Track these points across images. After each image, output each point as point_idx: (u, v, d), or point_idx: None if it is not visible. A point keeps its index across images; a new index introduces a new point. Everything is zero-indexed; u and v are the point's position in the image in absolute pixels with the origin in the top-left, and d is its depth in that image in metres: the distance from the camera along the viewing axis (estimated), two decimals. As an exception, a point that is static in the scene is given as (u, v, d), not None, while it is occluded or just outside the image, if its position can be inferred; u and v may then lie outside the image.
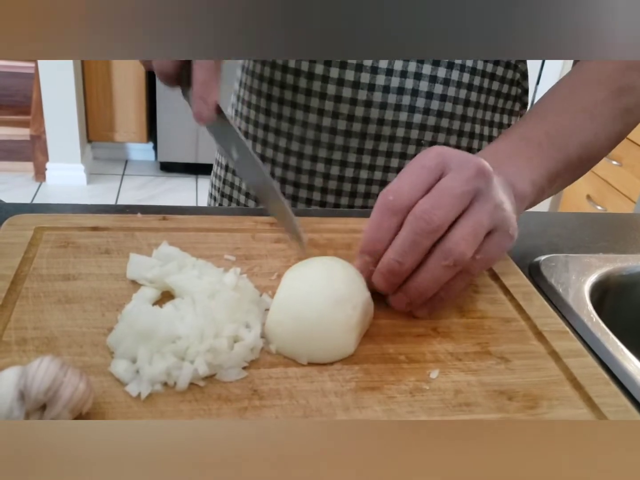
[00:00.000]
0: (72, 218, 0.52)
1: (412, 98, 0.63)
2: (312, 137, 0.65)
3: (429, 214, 0.40)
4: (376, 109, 0.63)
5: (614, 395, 0.40)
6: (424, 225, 0.40)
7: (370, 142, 0.65)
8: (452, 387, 0.39)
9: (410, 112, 0.64)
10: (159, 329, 0.37)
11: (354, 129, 0.64)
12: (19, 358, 0.37)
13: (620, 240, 0.63)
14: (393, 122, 0.64)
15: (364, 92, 0.62)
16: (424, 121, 0.64)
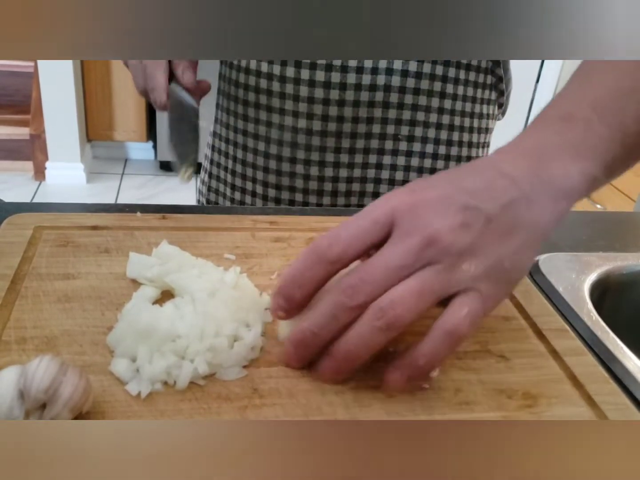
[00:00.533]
0: (71, 217, 0.52)
1: (385, 94, 0.63)
2: (289, 139, 0.66)
3: (354, 289, 0.35)
4: (349, 107, 0.63)
5: (614, 393, 0.40)
6: (346, 300, 0.35)
7: (346, 141, 0.65)
8: (452, 386, 0.39)
9: (385, 108, 0.64)
10: (159, 328, 0.37)
11: (330, 129, 0.64)
12: (18, 357, 0.37)
13: (620, 239, 0.63)
14: (368, 119, 0.64)
15: (336, 92, 0.62)
16: (399, 116, 0.64)
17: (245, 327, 0.40)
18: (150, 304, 0.41)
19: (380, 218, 0.36)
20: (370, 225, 0.36)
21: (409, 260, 0.35)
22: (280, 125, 0.66)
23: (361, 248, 0.36)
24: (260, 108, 0.66)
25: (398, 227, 0.36)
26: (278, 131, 0.66)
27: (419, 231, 0.35)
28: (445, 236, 0.35)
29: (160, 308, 0.40)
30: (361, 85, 0.62)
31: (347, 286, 0.35)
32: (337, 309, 0.36)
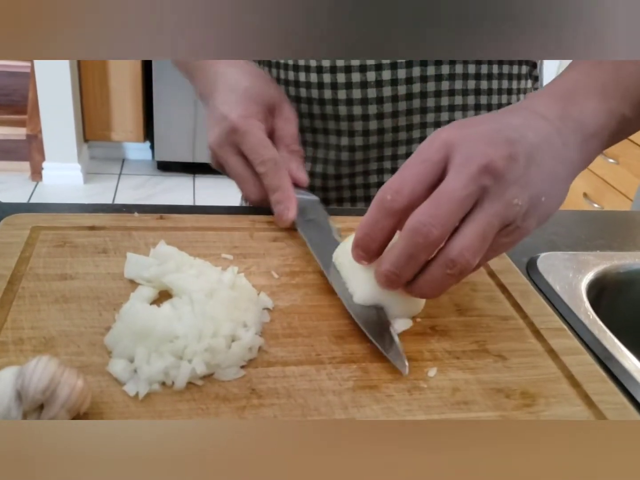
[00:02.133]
0: (69, 217, 0.52)
1: (421, 100, 0.64)
2: (334, 157, 0.68)
3: (427, 226, 0.36)
4: (388, 119, 0.65)
5: (612, 392, 0.40)
6: (421, 239, 0.36)
7: (388, 149, 0.67)
8: (450, 386, 0.39)
9: (423, 114, 0.65)
10: (156, 328, 0.37)
11: (371, 142, 0.66)
12: (16, 358, 0.37)
13: (617, 238, 0.63)
14: (407, 127, 0.66)
15: (374, 107, 0.64)
16: (437, 119, 0.66)
17: (243, 327, 0.40)
18: (148, 305, 0.41)
19: (434, 157, 0.38)
20: (427, 168, 0.38)
21: (471, 189, 0.36)
22: (326, 145, 0.67)
23: (424, 193, 0.38)
24: (305, 131, 0.67)
25: (453, 159, 0.37)
26: (324, 150, 0.68)
27: (474, 160, 0.36)
28: (500, 163, 0.37)
29: (158, 308, 0.40)
30: (397, 96, 0.63)
31: (419, 225, 0.36)
32: (414, 248, 0.37)
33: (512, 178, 0.37)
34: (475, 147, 0.37)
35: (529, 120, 0.40)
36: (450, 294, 0.48)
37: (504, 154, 0.37)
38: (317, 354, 0.40)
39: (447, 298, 0.48)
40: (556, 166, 0.39)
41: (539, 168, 0.38)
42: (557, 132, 0.40)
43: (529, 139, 0.38)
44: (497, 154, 0.37)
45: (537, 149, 0.38)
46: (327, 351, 0.41)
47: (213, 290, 0.41)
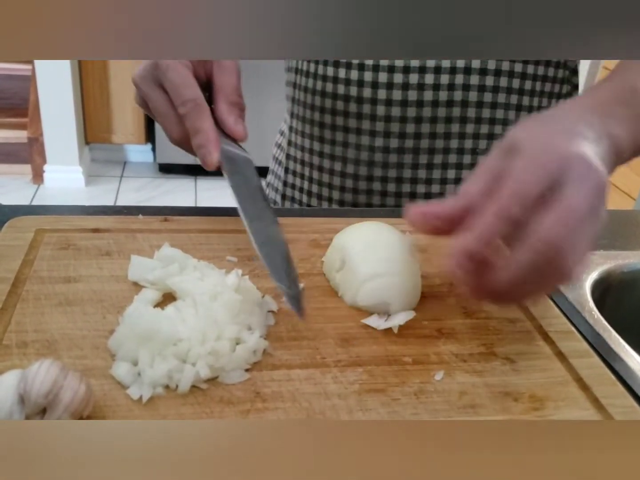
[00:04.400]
0: (72, 220, 0.51)
1: (462, 109, 0.64)
2: (366, 158, 0.67)
3: (558, 242, 0.35)
4: (426, 124, 0.64)
5: (621, 396, 0.39)
6: (553, 255, 0.35)
7: (424, 157, 0.66)
8: (457, 389, 0.39)
9: (462, 123, 0.64)
10: (160, 331, 0.37)
11: (407, 145, 0.65)
12: (19, 361, 0.37)
13: (620, 237, 0.63)
14: (445, 135, 0.65)
15: (413, 109, 0.63)
16: (477, 130, 0.65)
17: (248, 330, 0.40)
18: (152, 307, 0.41)
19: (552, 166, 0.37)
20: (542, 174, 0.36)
21: (594, 203, 0.36)
22: (357, 145, 0.66)
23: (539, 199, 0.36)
24: (337, 129, 0.66)
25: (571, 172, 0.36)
26: (354, 150, 0.67)
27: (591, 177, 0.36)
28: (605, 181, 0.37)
29: (162, 311, 0.40)
30: (438, 101, 0.63)
31: (549, 240, 0.35)
32: (543, 262, 0.35)
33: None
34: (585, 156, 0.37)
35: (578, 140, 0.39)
36: (456, 297, 0.48)
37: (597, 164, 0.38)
38: (322, 357, 0.40)
39: (454, 301, 0.47)
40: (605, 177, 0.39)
41: None
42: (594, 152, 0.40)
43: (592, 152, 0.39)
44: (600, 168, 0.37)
45: None
46: (332, 354, 0.40)
47: (217, 293, 0.41)
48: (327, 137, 0.68)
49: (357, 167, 0.67)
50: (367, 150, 0.66)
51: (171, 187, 2.86)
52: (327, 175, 0.69)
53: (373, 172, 0.67)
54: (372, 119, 0.64)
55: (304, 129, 0.70)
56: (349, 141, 0.66)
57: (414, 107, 0.63)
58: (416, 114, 0.63)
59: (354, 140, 0.66)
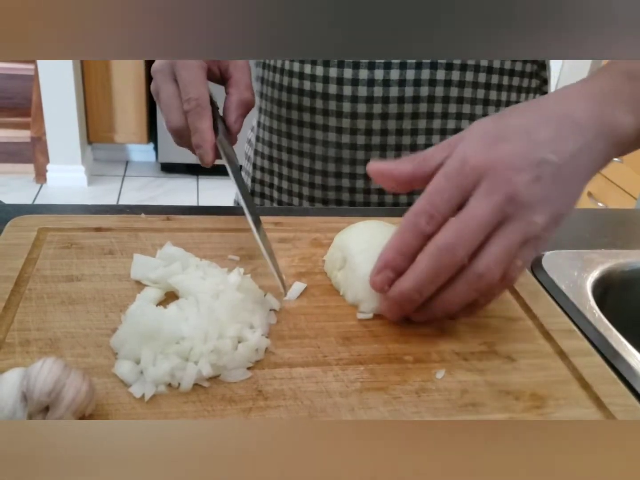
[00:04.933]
0: (75, 219, 0.51)
1: (428, 105, 0.63)
2: (334, 154, 0.66)
3: (454, 246, 0.38)
4: (393, 120, 0.64)
5: (622, 394, 0.39)
6: (448, 259, 0.38)
7: (391, 153, 0.66)
8: (458, 387, 0.39)
9: (429, 119, 0.64)
10: (162, 329, 0.37)
11: (374, 142, 0.65)
12: (22, 359, 0.37)
13: (622, 236, 0.63)
14: (412, 131, 0.64)
15: (379, 106, 0.63)
16: (444, 125, 0.65)
17: (250, 329, 0.40)
18: (154, 306, 0.41)
19: (464, 182, 0.39)
20: (457, 193, 0.39)
21: (496, 216, 0.38)
22: (325, 142, 0.66)
23: (451, 213, 0.39)
24: (303, 125, 0.66)
25: (480, 186, 0.39)
26: (322, 147, 0.66)
27: (501, 189, 0.38)
28: (523, 192, 0.38)
29: (164, 310, 0.40)
30: (404, 97, 0.62)
31: (447, 245, 0.38)
32: (440, 267, 0.38)
33: (535, 200, 0.39)
34: (503, 174, 0.38)
35: (561, 132, 0.40)
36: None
37: (529, 178, 0.38)
38: (323, 355, 0.40)
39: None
40: (579, 179, 0.41)
41: (564, 186, 0.40)
42: (587, 143, 0.40)
43: (557, 156, 0.39)
44: (523, 181, 0.38)
45: (564, 167, 0.39)
46: (334, 352, 0.40)
47: (219, 291, 0.41)
48: (295, 133, 0.67)
49: (325, 163, 0.67)
50: (335, 147, 0.66)
51: (173, 186, 2.86)
52: (296, 172, 0.69)
53: (341, 169, 0.67)
54: (339, 115, 0.64)
55: (272, 124, 0.69)
56: (316, 137, 0.66)
57: (379, 103, 0.62)
58: (382, 110, 0.63)
59: (321, 136, 0.66)
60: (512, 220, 0.38)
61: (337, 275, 0.47)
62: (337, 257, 0.47)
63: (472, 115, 0.65)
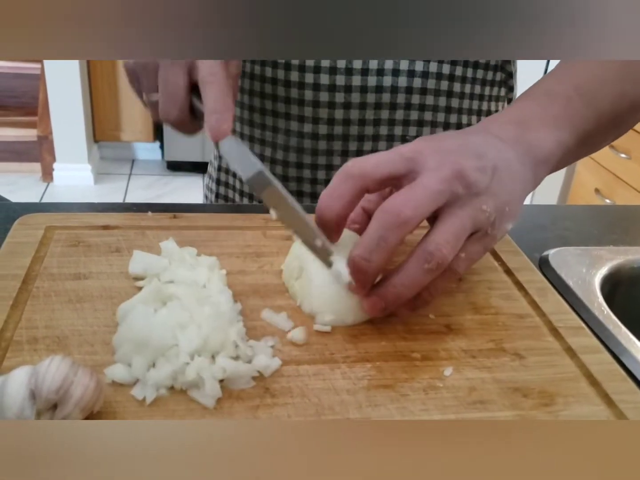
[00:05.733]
0: (82, 217, 0.52)
1: (391, 95, 0.62)
2: (296, 144, 0.65)
3: (399, 206, 0.37)
4: (355, 110, 0.62)
5: (632, 392, 0.39)
6: (393, 218, 0.37)
7: (353, 144, 0.64)
8: (466, 385, 0.39)
9: (392, 109, 0.63)
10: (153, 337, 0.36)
11: (336, 132, 0.64)
12: (30, 357, 0.37)
13: (630, 233, 0.63)
14: (375, 121, 0.63)
15: (341, 95, 0.62)
16: (407, 117, 0.64)
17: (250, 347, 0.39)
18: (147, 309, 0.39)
19: (406, 153, 0.40)
20: (395, 157, 0.40)
21: (444, 187, 0.38)
22: (287, 130, 0.64)
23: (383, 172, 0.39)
24: (265, 114, 0.65)
25: (427, 163, 0.39)
26: (284, 136, 0.65)
27: (448, 166, 0.39)
28: (470, 173, 0.39)
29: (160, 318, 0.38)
30: (367, 87, 0.61)
31: (391, 206, 0.38)
32: (385, 229, 0.38)
33: (481, 188, 0.39)
34: (447, 156, 0.40)
35: (488, 140, 0.42)
36: (465, 293, 0.47)
37: (473, 165, 0.39)
38: (330, 352, 0.40)
39: (463, 296, 0.47)
40: (515, 183, 0.42)
41: (502, 182, 0.41)
42: (514, 153, 0.42)
43: (492, 155, 0.41)
44: (468, 164, 0.39)
45: (499, 164, 0.41)
46: (341, 350, 0.40)
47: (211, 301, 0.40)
48: (257, 121, 0.66)
49: (286, 153, 0.66)
50: (296, 136, 0.64)
51: (179, 184, 2.87)
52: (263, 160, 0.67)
53: (302, 159, 0.65)
54: (300, 103, 0.62)
55: (242, 114, 0.68)
56: (278, 126, 0.65)
57: (342, 92, 0.61)
58: (344, 100, 0.62)
59: (282, 125, 0.64)
60: (460, 202, 0.39)
61: (294, 285, 0.45)
62: (295, 267, 0.45)
63: (435, 107, 0.64)
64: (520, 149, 0.43)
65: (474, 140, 0.42)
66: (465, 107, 0.66)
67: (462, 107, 0.66)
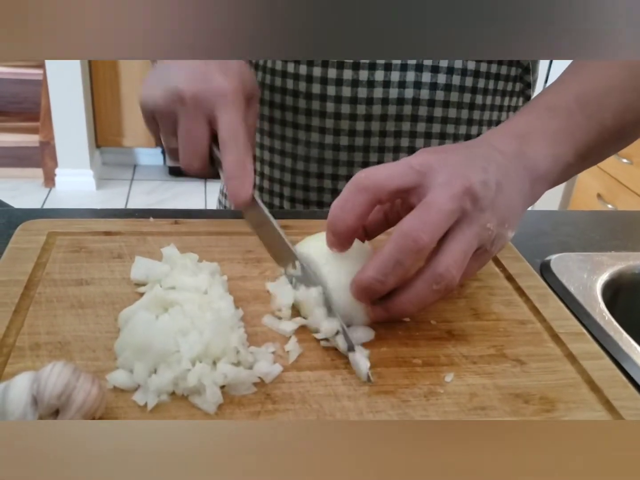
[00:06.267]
0: (84, 223, 0.52)
1: (413, 107, 0.62)
2: (316, 155, 0.66)
3: (417, 231, 0.37)
4: (377, 122, 0.63)
5: (633, 398, 0.39)
6: (411, 244, 0.37)
7: (374, 155, 0.65)
8: (467, 391, 0.39)
9: (413, 122, 0.63)
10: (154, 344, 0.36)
11: (357, 144, 0.64)
12: (32, 363, 0.37)
13: (632, 238, 0.63)
14: (396, 133, 0.64)
15: (363, 107, 0.62)
16: (429, 129, 0.64)
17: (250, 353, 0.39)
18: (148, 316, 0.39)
19: (415, 165, 0.40)
20: (404, 168, 0.40)
21: (455, 206, 0.38)
22: (307, 142, 0.65)
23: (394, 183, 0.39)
24: (286, 125, 0.66)
25: (437, 178, 0.39)
26: (305, 148, 0.66)
27: (459, 182, 0.39)
28: (478, 188, 0.39)
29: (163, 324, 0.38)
30: (388, 99, 0.62)
31: (409, 230, 0.38)
32: (403, 253, 0.38)
33: (486, 203, 0.40)
34: (455, 170, 0.39)
35: (490, 153, 0.42)
36: (467, 298, 0.48)
37: (480, 179, 0.39)
38: (332, 358, 0.40)
39: (464, 302, 0.47)
40: (515, 197, 0.42)
41: (504, 197, 0.41)
42: (513, 167, 0.42)
43: (494, 168, 0.41)
44: (476, 178, 0.39)
45: (501, 179, 0.41)
46: (342, 356, 0.40)
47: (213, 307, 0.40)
48: (277, 132, 0.66)
49: (307, 164, 0.66)
50: (317, 148, 0.65)
51: (181, 190, 2.87)
52: (277, 172, 0.69)
53: (324, 170, 0.66)
54: (322, 115, 0.63)
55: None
56: (298, 137, 0.65)
57: (363, 104, 0.62)
58: (366, 112, 0.62)
59: (303, 137, 0.65)
60: (468, 220, 0.39)
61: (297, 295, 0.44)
62: None
63: (457, 119, 0.64)
64: (519, 164, 0.43)
65: (477, 153, 0.42)
66: (486, 119, 0.66)
67: (483, 118, 0.66)
